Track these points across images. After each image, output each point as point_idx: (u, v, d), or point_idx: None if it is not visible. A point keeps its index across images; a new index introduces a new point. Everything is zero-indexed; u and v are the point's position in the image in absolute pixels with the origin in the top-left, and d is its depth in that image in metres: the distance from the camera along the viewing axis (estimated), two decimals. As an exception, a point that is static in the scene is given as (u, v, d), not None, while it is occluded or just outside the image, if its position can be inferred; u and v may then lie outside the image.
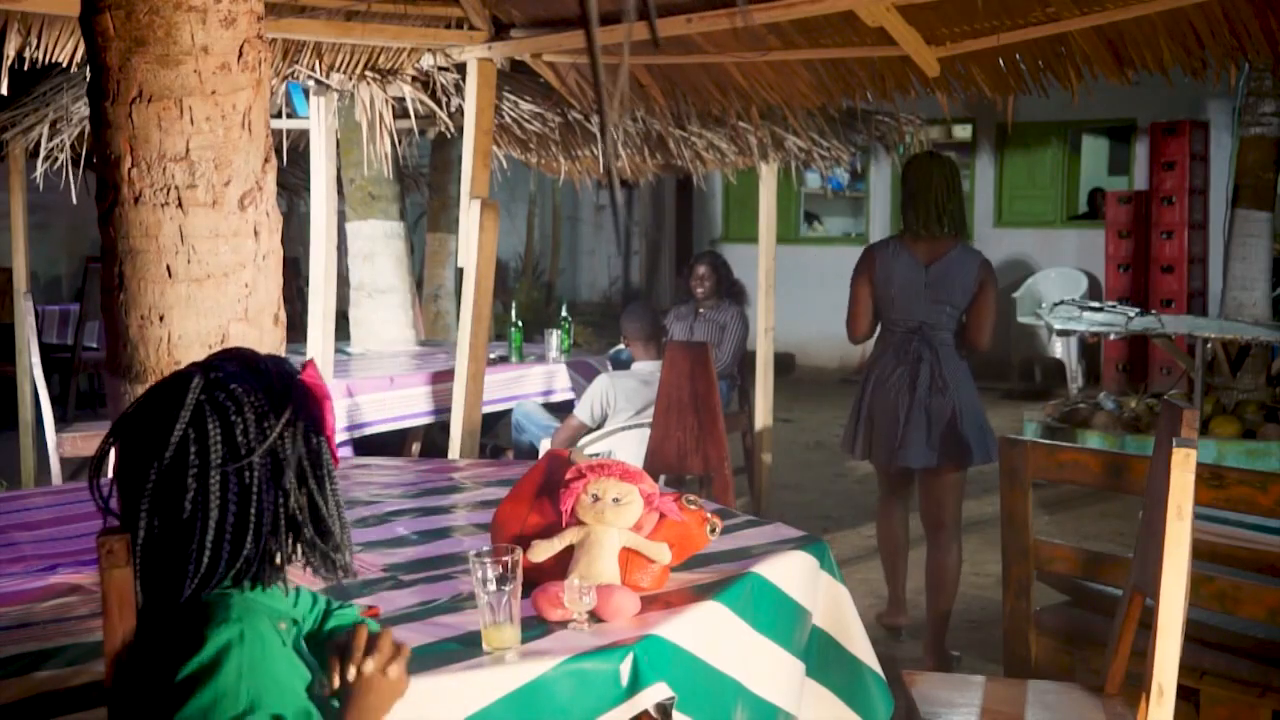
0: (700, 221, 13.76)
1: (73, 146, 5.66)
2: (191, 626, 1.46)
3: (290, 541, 1.57)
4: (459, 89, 4.57)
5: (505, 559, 2.06)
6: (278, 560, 1.56)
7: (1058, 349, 10.19)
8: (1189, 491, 2.26)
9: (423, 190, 8.92)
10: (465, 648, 2.05)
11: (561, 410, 6.01)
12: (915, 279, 4.22)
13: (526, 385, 6.15)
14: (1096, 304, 7.15)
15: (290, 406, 1.56)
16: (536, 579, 2.25)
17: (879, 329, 4.39)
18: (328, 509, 1.59)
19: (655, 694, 2.06)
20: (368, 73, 4.41)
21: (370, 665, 1.56)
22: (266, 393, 1.55)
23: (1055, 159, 11.79)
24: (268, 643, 1.47)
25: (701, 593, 2.31)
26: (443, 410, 5.36)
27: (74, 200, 5.73)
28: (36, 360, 5.75)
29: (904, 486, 4.46)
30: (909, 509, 4.51)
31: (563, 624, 2.16)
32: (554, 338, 6.37)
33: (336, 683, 1.57)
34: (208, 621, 1.46)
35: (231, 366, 1.56)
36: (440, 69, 4.50)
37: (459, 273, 4.51)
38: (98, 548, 1.55)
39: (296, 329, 3.49)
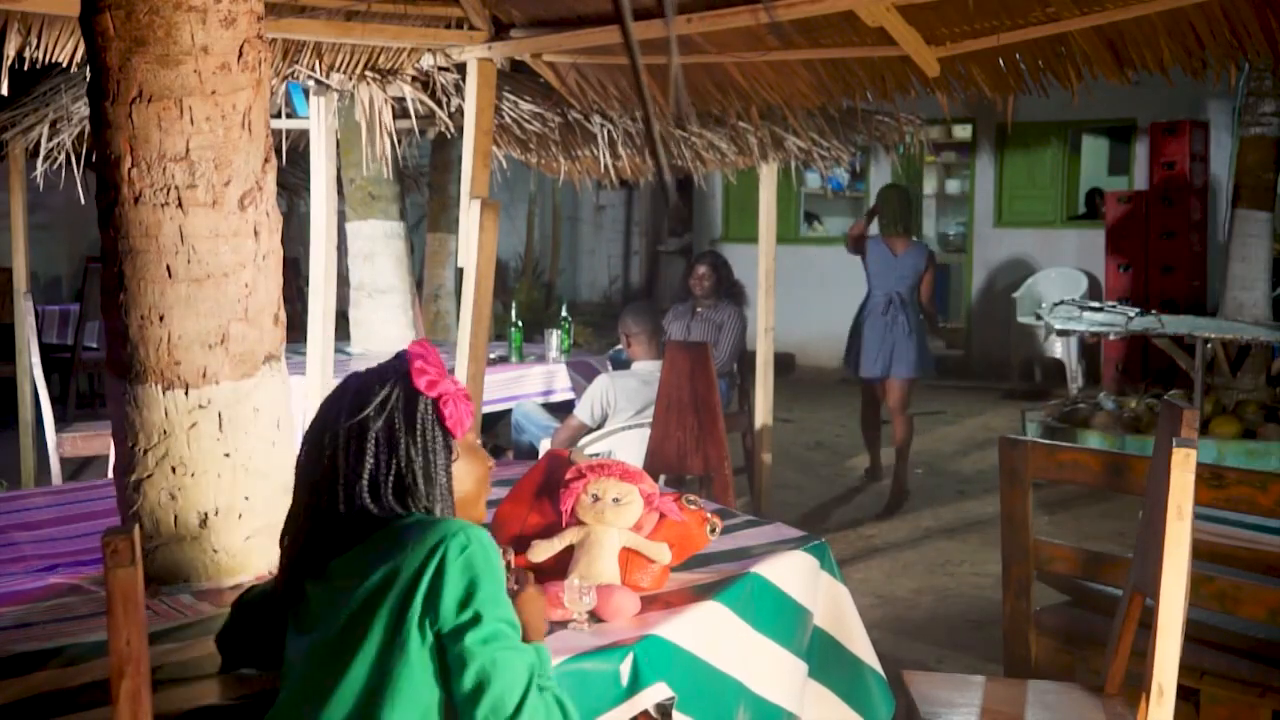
0: (700, 221, 13.76)
1: (73, 146, 5.66)
2: (419, 526, 1.72)
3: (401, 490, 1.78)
4: (459, 89, 4.57)
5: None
6: (409, 503, 1.78)
7: (1058, 349, 10.19)
8: (1189, 491, 2.25)
9: (423, 190, 8.92)
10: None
11: (561, 410, 6.01)
12: (889, 263, 6.86)
13: (526, 385, 6.15)
14: (1096, 304, 7.15)
15: (395, 377, 1.83)
16: (537, 579, 2.24)
17: (867, 290, 6.93)
18: (431, 464, 1.81)
19: (655, 694, 2.06)
20: (368, 73, 4.41)
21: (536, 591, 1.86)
22: (382, 369, 1.85)
23: (1055, 159, 11.78)
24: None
25: (701, 593, 2.31)
26: (443, 410, 5.34)
27: (74, 200, 5.73)
28: (36, 360, 5.75)
29: (879, 390, 6.94)
30: (879, 404, 7.03)
31: (563, 624, 2.16)
32: (554, 338, 6.37)
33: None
34: (438, 524, 1.71)
35: (390, 359, 1.88)
36: (440, 69, 4.50)
37: (459, 273, 4.51)
38: (102, 547, 1.55)
39: (296, 329, 3.49)
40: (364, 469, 1.76)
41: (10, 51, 3.74)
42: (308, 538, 1.78)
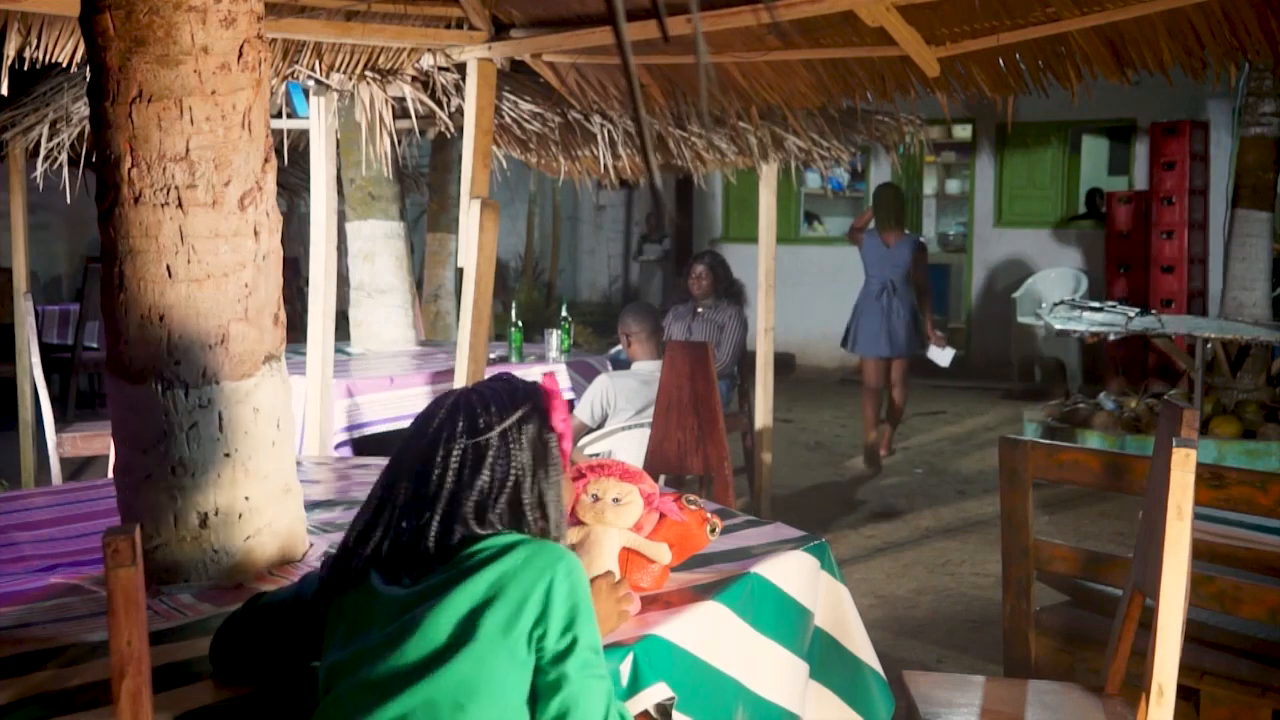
0: (700, 221, 13.76)
1: (73, 146, 5.65)
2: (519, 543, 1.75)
3: (515, 514, 1.82)
4: (459, 89, 4.57)
5: None
6: (521, 529, 1.81)
7: (1058, 349, 10.19)
8: (1189, 491, 2.25)
9: (423, 190, 8.91)
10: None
11: (561, 410, 6.00)
12: (883, 254, 7.78)
13: (526, 385, 6.14)
14: (1096, 304, 7.15)
15: (527, 405, 1.86)
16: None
17: (865, 278, 7.87)
18: (549, 494, 1.86)
19: (655, 694, 2.06)
20: (368, 73, 4.41)
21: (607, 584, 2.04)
22: (509, 394, 1.88)
23: (1055, 159, 11.79)
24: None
25: (701, 593, 2.31)
26: (443, 410, 5.34)
27: (74, 200, 5.73)
28: (36, 360, 5.75)
29: (877, 368, 7.79)
30: (878, 381, 7.83)
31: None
32: (554, 338, 6.37)
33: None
34: (544, 547, 1.75)
35: (489, 381, 1.92)
36: (440, 69, 4.50)
37: (459, 273, 4.51)
38: (103, 547, 1.55)
39: (296, 329, 3.50)
40: (475, 488, 1.79)
41: (10, 51, 3.74)
42: (390, 550, 1.78)
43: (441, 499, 1.78)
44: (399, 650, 1.69)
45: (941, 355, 8.05)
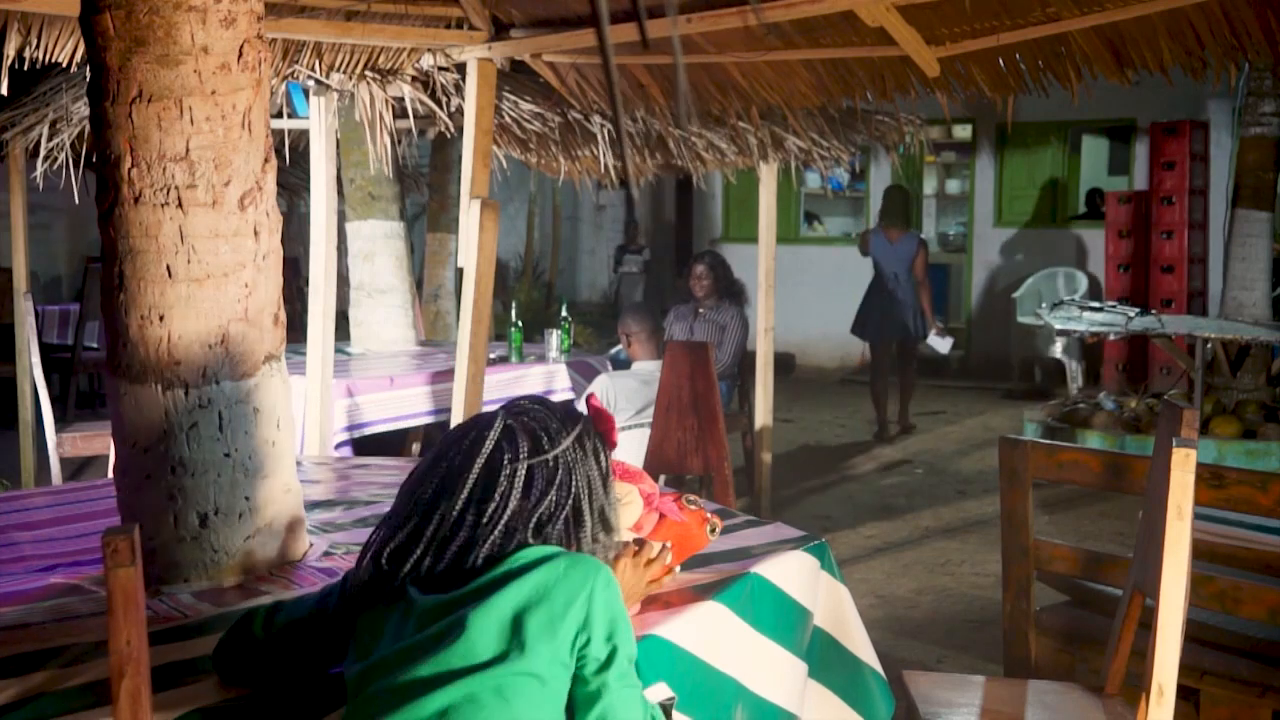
0: (700, 221, 13.75)
1: (73, 146, 5.66)
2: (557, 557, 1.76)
3: (573, 530, 1.86)
4: (459, 89, 4.57)
5: None
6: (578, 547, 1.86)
7: (1058, 349, 10.20)
8: (1189, 491, 2.25)
9: (423, 190, 8.91)
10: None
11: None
12: (888, 249, 8.64)
13: (526, 385, 6.15)
14: (1096, 304, 7.15)
15: (581, 422, 1.92)
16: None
17: (873, 271, 8.73)
18: (609, 511, 1.92)
19: (655, 694, 2.05)
20: (368, 73, 4.41)
21: (629, 558, 2.06)
22: (560, 414, 1.92)
23: (1055, 159, 11.79)
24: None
25: (701, 593, 2.31)
26: (443, 410, 5.35)
27: (74, 200, 5.73)
28: (36, 360, 5.75)
29: (885, 351, 8.65)
30: (886, 364, 8.62)
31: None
32: (554, 338, 6.37)
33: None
34: (582, 559, 1.77)
35: (529, 401, 1.94)
36: (440, 69, 4.50)
37: (459, 273, 4.51)
38: (102, 547, 1.55)
39: (296, 329, 3.50)
40: (540, 506, 1.81)
41: (10, 51, 3.74)
42: (430, 568, 1.78)
43: (503, 518, 1.79)
44: (441, 648, 1.69)
45: (941, 343, 8.75)
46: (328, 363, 4.87)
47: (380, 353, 6.48)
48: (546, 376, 6.24)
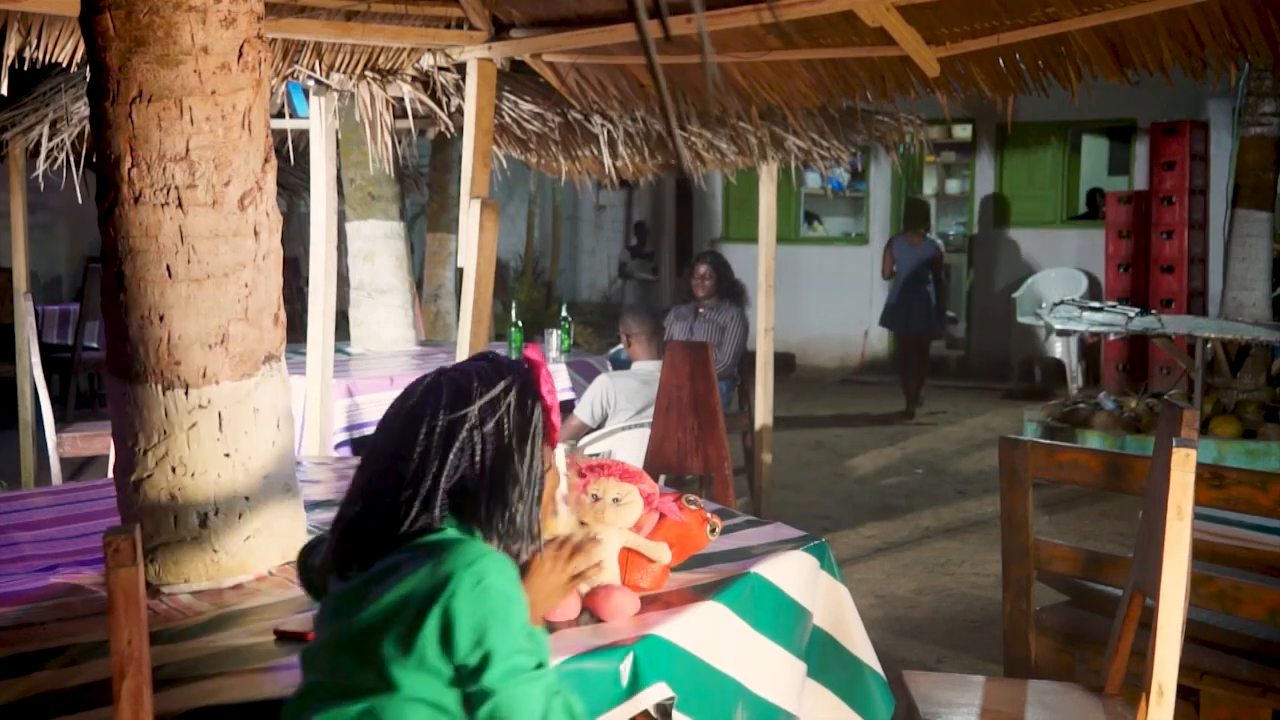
0: (700, 221, 13.75)
1: (73, 146, 5.65)
2: (447, 547, 1.66)
3: (499, 502, 1.74)
4: (459, 89, 4.57)
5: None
6: (494, 511, 1.74)
7: (1058, 349, 10.19)
8: (1189, 491, 2.25)
9: (423, 190, 8.91)
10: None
11: (561, 410, 6.00)
12: (909, 252, 9.92)
13: (526, 385, 6.14)
14: (1096, 304, 7.15)
15: (510, 377, 1.80)
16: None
17: (896, 273, 9.95)
18: (534, 478, 1.79)
19: (655, 694, 2.06)
20: (368, 73, 4.41)
21: (550, 554, 1.88)
22: (494, 368, 1.81)
23: (1055, 159, 11.78)
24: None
25: (701, 593, 2.31)
26: (443, 410, 5.33)
27: (74, 200, 5.73)
28: (36, 360, 5.75)
29: (909, 343, 9.98)
30: (910, 353, 9.95)
31: (563, 624, 2.16)
32: (554, 338, 6.37)
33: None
34: (456, 550, 1.66)
35: (473, 358, 1.87)
36: (440, 69, 4.49)
37: (459, 273, 4.51)
38: (103, 547, 1.55)
39: (296, 329, 3.49)
40: (458, 466, 1.72)
41: (10, 51, 3.74)
42: (360, 537, 1.73)
43: (423, 483, 1.70)
44: (325, 661, 1.70)
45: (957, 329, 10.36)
46: (328, 363, 4.87)
47: (380, 353, 6.48)
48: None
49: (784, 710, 2.41)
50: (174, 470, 2.28)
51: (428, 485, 1.71)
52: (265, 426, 2.36)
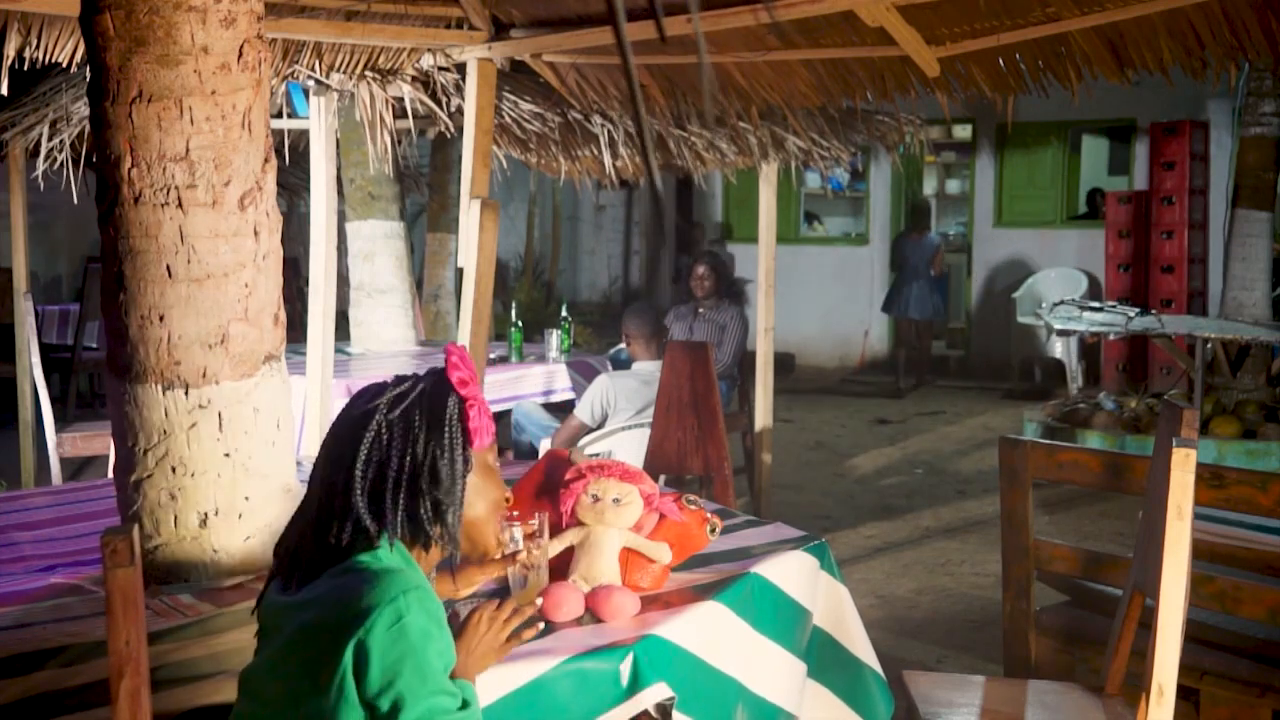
0: (700, 221, 13.74)
1: (73, 146, 5.65)
2: (371, 585, 1.61)
3: (415, 498, 1.71)
4: (459, 89, 4.56)
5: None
6: (420, 523, 1.71)
7: (1058, 349, 10.19)
8: (1189, 491, 2.25)
9: (423, 190, 8.91)
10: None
11: (561, 410, 6.01)
12: (912, 247, 11.11)
13: (526, 385, 6.15)
14: (1096, 304, 7.14)
15: (412, 380, 1.78)
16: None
17: (902, 265, 11.19)
18: (454, 484, 1.74)
19: (655, 694, 2.06)
20: (368, 73, 4.40)
21: (487, 614, 1.83)
22: (403, 375, 1.81)
23: (1055, 159, 11.78)
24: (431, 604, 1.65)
25: (701, 593, 2.31)
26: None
27: (74, 200, 5.73)
28: (36, 360, 5.75)
29: (907, 326, 11.19)
30: (911, 338, 11.19)
31: (564, 624, 2.16)
32: (554, 338, 6.37)
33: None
34: (376, 587, 1.61)
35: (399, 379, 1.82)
36: (440, 69, 4.49)
37: (459, 273, 4.51)
38: (102, 547, 1.55)
39: (296, 329, 3.49)
40: (370, 458, 1.69)
41: (10, 51, 3.74)
42: (297, 551, 1.71)
43: (340, 472, 1.70)
44: (256, 685, 1.68)
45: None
46: (328, 363, 4.86)
47: (380, 353, 6.48)
48: (546, 376, 6.25)
49: (784, 710, 2.41)
50: (174, 470, 2.28)
51: (343, 476, 1.70)
52: (265, 426, 2.36)
